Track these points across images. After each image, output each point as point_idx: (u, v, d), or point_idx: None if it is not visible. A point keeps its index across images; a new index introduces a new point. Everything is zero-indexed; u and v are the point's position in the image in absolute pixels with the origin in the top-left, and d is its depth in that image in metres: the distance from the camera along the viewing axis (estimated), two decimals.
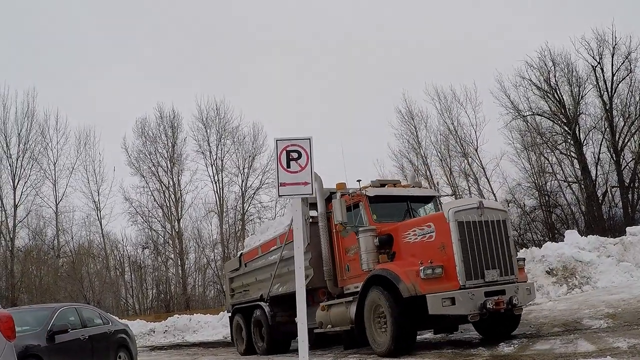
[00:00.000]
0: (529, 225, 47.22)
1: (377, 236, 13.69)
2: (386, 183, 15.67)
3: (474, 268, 12.13)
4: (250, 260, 19.77)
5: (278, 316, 17.18)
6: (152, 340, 32.08)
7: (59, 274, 48.66)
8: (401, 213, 14.81)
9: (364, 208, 14.44)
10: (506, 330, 13.49)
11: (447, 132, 50.24)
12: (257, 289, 18.68)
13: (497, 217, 12.75)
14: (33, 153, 49.33)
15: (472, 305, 11.78)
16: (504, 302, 11.94)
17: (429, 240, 12.71)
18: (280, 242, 17.16)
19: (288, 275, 16.09)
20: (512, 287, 12.35)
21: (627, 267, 22.41)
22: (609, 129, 43.26)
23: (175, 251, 52.32)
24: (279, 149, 9.13)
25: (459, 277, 12.01)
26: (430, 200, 15.78)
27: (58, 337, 12.02)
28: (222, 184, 52.62)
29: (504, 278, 12.41)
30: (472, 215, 12.43)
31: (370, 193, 14.57)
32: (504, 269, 12.45)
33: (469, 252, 12.14)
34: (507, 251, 12.63)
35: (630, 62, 42.45)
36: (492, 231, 12.54)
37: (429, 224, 12.91)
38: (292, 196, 9.32)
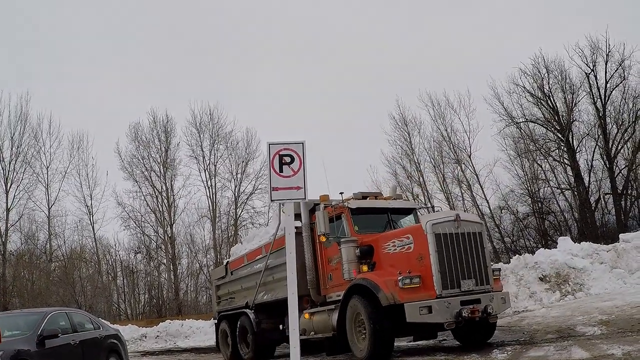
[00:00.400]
0: (522, 232, 47.28)
1: (358, 247, 14.16)
2: (368, 195, 16.13)
3: (450, 278, 12.67)
4: (236, 269, 20.13)
5: (263, 323, 17.55)
6: (143, 345, 31.96)
7: (50, 278, 48.46)
8: (382, 224, 15.15)
9: (346, 220, 14.81)
10: (482, 337, 13.96)
11: (440, 139, 50.24)
12: (243, 296, 19.00)
13: (474, 230, 13.34)
14: (26, 156, 49.11)
15: (449, 313, 12.33)
16: (479, 310, 12.51)
17: (408, 251, 13.19)
18: (265, 251, 17.49)
19: (273, 283, 16.84)
20: (487, 296, 12.92)
21: (620, 274, 22.42)
22: (602, 136, 43.34)
23: (167, 256, 52.16)
24: (271, 153, 9.06)
25: (435, 287, 12.53)
26: (411, 212, 16.23)
27: (48, 342, 11.89)
28: (215, 189, 52.49)
29: (480, 287, 12.97)
30: (449, 228, 12.95)
31: (352, 205, 14.97)
32: (479, 278, 13.00)
33: (446, 263, 12.68)
34: (482, 262, 13.18)
35: (624, 69, 42.64)
36: (469, 243, 13.08)
37: (407, 235, 13.40)
38: (285, 201, 9.25)
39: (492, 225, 47.51)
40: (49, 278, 48.18)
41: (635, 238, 24.69)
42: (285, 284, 13.34)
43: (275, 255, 16.60)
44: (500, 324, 17.80)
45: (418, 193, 50.66)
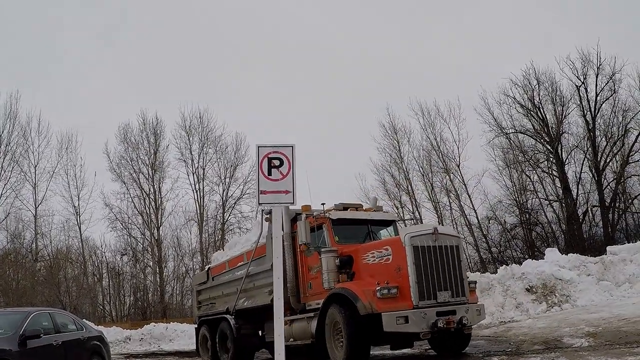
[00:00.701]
0: (509, 243, 47.35)
1: (338, 257, 14.37)
2: (349, 206, 16.31)
3: (427, 289, 12.99)
4: (217, 275, 20.35)
5: (243, 329, 17.78)
6: (127, 348, 31.69)
7: (36, 278, 48.11)
8: (362, 235, 15.53)
9: (327, 230, 15.07)
10: (458, 347, 14.33)
11: (429, 148, 50.40)
12: (224, 302, 19.17)
13: (451, 243, 13.66)
14: (14, 155, 48.76)
15: (424, 323, 12.61)
16: (454, 321, 12.86)
17: (386, 262, 13.49)
18: (247, 259, 17.78)
19: (254, 290, 17.14)
20: (463, 308, 13.24)
21: (607, 286, 22.42)
22: (591, 148, 43.54)
23: (154, 259, 51.93)
24: (260, 156, 8.90)
25: (412, 298, 12.82)
26: (390, 224, 16.49)
27: (30, 342, 11.70)
28: (203, 192, 52.32)
29: (455, 299, 13.29)
30: (426, 241, 13.30)
31: (333, 216, 15.28)
32: (455, 290, 13.32)
33: (423, 275, 13.00)
34: (459, 274, 13.51)
35: (615, 82, 42.90)
36: (446, 256, 13.41)
37: (386, 247, 13.71)
38: (273, 205, 9.08)
39: (479, 235, 47.65)
40: (34, 278, 47.81)
41: (622, 251, 24.77)
42: (265, 291, 15.91)
43: (257, 262, 16.99)
44: (486, 334, 17.92)
45: (406, 202, 50.82)
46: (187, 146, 52.39)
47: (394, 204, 50.89)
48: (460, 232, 48.36)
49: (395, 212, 16.20)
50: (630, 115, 42.77)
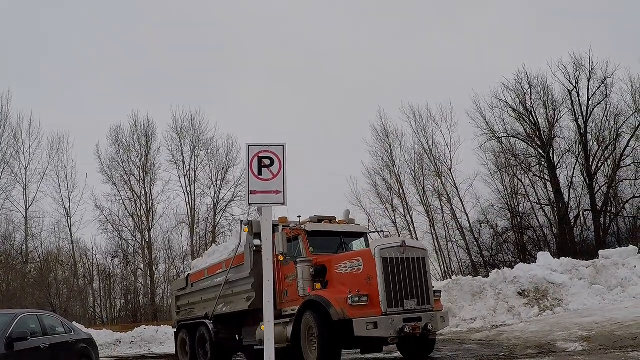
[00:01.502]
0: (501, 246, 47.29)
1: (312, 266, 15.19)
2: (323, 219, 17.06)
3: (394, 297, 13.77)
4: (196, 281, 20.87)
5: (221, 333, 18.38)
6: (118, 350, 31.56)
7: (26, 280, 47.86)
8: (335, 246, 16.33)
9: (303, 241, 15.86)
10: (424, 352, 15.02)
11: (421, 151, 50.50)
12: (203, 307, 19.76)
13: (418, 255, 14.48)
14: (5, 156, 48.71)
15: (392, 329, 13.35)
16: (420, 327, 13.56)
17: (358, 272, 14.28)
18: (225, 267, 18.44)
19: (232, 296, 17.89)
20: (428, 315, 14.01)
21: (599, 290, 22.39)
22: (583, 152, 43.53)
23: (144, 261, 51.87)
24: (250, 155, 8.78)
25: (381, 305, 13.61)
26: (361, 235, 17.40)
27: (17, 345, 11.47)
28: (195, 195, 52.33)
29: (421, 307, 14.09)
30: (395, 253, 14.08)
31: (308, 228, 16.06)
32: (421, 299, 14.13)
33: (391, 284, 13.77)
34: (425, 284, 14.31)
35: (606, 87, 42.92)
36: (413, 266, 14.18)
37: (358, 258, 14.52)
38: (263, 205, 8.94)
39: (471, 238, 47.58)
40: (25, 280, 47.56)
41: (614, 255, 24.75)
42: (244, 297, 16.89)
43: (235, 270, 17.67)
44: (478, 338, 17.89)
45: (398, 205, 50.80)
46: (178, 148, 52.45)
47: (385, 207, 51.01)
48: (452, 235, 48.66)
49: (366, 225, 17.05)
50: (622, 120, 42.87)
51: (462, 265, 48.11)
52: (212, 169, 52.46)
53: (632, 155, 42.66)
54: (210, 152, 52.55)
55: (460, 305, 23.24)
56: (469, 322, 22.11)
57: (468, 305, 23.10)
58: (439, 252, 49.08)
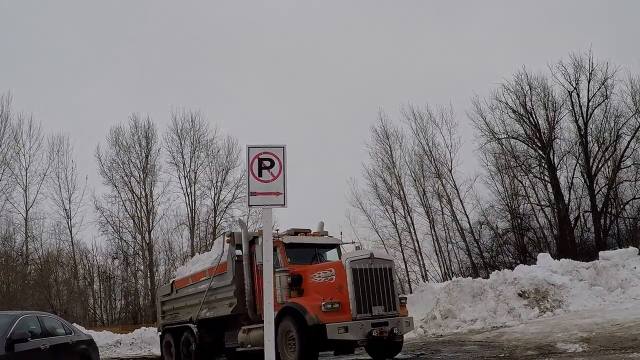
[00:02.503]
0: (501, 248, 47.29)
1: (289, 276, 16.34)
2: (299, 231, 18.36)
3: (363, 304, 15.06)
4: (181, 287, 21.96)
5: (205, 337, 19.62)
6: (118, 352, 31.57)
7: (26, 281, 47.81)
8: (310, 257, 17.52)
9: (280, 252, 16.94)
10: (390, 353, 16.25)
11: (421, 153, 50.47)
12: (187, 312, 20.94)
13: (385, 266, 15.78)
14: (5, 157, 48.59)
15: (361, 333, 14.64)
16: (386, 331, 14.95)
17: (330, 281, 15.53)
18: (209, 274, 19.64)
19: (215, 302, 19.16)
20: (394, 320, 15.30)
21: (599, 292, 22.38)
22: (583, 154, 43.55)
23: (145, 263, 51.74)
24: (251, 157, 8.76)
25: (351, 311, 14.91)
26: (335, 246, 18.56)
27: (17, 346, 11.44)
28: (195, 196, 52.12)
29: (388, 313, 15.38)
30: (364, 264, 15.38)
31: (285, 240, 17.33)
32: (388, 305, 15.44)
33: (360, 292, 15.06)
34: (391, 292, 15.64)
35: (607, 88, 42.92)
36: (380, 276, 15.50)
37: (330, 269, 15.74)
38: (263, 206, 8.93)
39: (471, 240, 47.55)
40: (25, 281, 47.51)
41: (614, 256, 24.70)
42: (226, 303, 18.26)
43: (218, 278, 18.95)
44: (478, 339, 17.89)
45: (398, 206, 50.75)
46: (178, 150, 52.25)
47: (385, 209, 50.96)
48: (452, 236, 48.63)
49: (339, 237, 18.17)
50: (622, 121, 42.92)
51: (463, 266, 48.12)
52: (212, 170, 52.37)
53: (632, 156, 42.79)
54: (211, 153, 52.45)
55: (460, 306, 23.22)
56: (469, 324, 22.09)
57: (468, 307, 23.08)
58: (439, 254, 49.14)
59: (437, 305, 24.01)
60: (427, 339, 21.14)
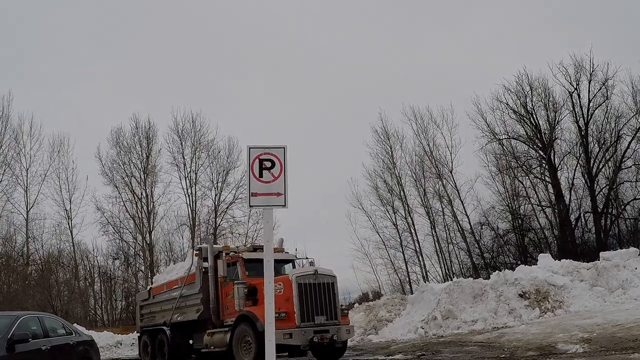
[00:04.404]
0: (502, 248, 47.25)
1: (246, 287, 18.51)
2: (258, 248, 20.43)
3: (307, 314, 17.21)
4: (157, 294, 24.18)
5: (176, 338, 21.83)
6: (119, 352, 31.61)
7: (27, 281, 47.75)
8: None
9: (240, 266, 19.39)
10: (334, 356, 18.48)
11: (422, 153, 50.36)
12: (162, 316, 23.02)
13: (328, 281, 18.01)
14: (6, 158, 48.28)
15: (304, 339, 16.71)
16: (327, 338, 17.05)
17: (280, 293, 17.23)
18: (180, 283, 21.80)
19: (185, 308, 21.30)
20: (335, 328, 17.41)
21: (600, 292, 22.39)
22: (584, 154, 43.49)
23: (145, 263, 51.62)
24: (251, 157, 8.68)
25: (296, 320, 17.01)
26: (290, 261, 20.88)
27: (18, 347, 11.43)
28: (195, 197, 51.91)
29: (329, 321, 17.54)
30: (308, 279, 17.59)
31: (244, 256, 19.69)
32: (329, 315, 17.61)
33: (304, 303, 17.20)
34: (333, 303, 17.85)
35: (607, 88, 42.83)
36: (323, 290, 17.71)
37: (280, 282, 17.49)
38: (264, 207, 8.84)
39: (472, 240, 47.51)
40: (26, 281, 47.44)
41: (615, 257, 24.70)
42: (194, 309, 20.51)
43: (188, 287, 21.14)
44: (479, 340, 17.91)
45: (399, 207, 50.71)
46: (179, 150, 52.02)
47: (386, 210, 50.92)
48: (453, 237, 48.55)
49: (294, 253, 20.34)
50: (623, 122, 42.91)
51: (463, 267, 48.09)
52: (213, 171, 52.13)
53: (633, 157, 42.70)
54: (211, 154, 52.19)
55: (461, 307, 23.24)
56: (469, 324, 22.10)
57: (469, 307, 23.09)
58: (439, 254, 49.05)
59: (437, 305, 24.02)
60: (427, 339, 21.14)
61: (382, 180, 51.57)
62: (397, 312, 27.20)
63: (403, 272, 50.52)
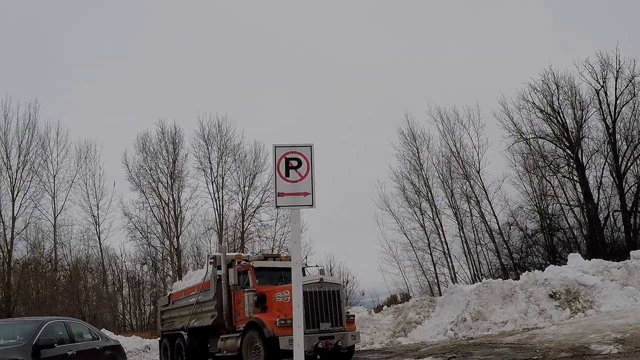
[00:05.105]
0: (530, 249, 46.90)
1: (256, 295, 19.07)
2: (269, 256, 22.09)
3: (312, 321, 17.75)
4: (176, 300, 25.29)
5: (193, 343, 22.60)
6: (147, 357, 31.68)
7: (55, 287, 48.03)
8: (276, 279, 20.26)
9: (250, 275, 20.11)
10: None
11: (449, 154, 50.16)
12: (180, 321, 24.04)
13: (333, 289, 18.63)
14: (33, 165, 48.50)
15: (309, 344, 17.10)
16: (332, 344, 17.69)
17: (287, 301, 17.82)
18: (197, 290, 22.65)
19: (201, 314, 22.07)
20: (340, 335, 18.05)
21: (631, 292, 22.10)
22: (612, 152, 43.02)
23: (173, 268, 51.73)
24: (277, 157, 8.59)
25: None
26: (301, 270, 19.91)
27: (44, 352, 11.39)
28: (222, 201, 51.98)
29: (334, 328, 18.16)
30: (314, 287, 18.16)
31: (255, 265, 20.41)
32: (334, 322, 18.24)
33: (310, 311, 17.65)
34: (338, 310, 18.44)
35: (634, 85, 42.26)
36: (329, 297, 18.29)
37: (286, 290, 18.17)
38: (291, 207, 8.67)
39: (500, 241, 47.20)
40: (54, 287, 47.74)
41: None
42: (209, 315, 21.23)
43: (204, 294, 21.94)
44: (510, 341, 17.70)
45: (426, 208, 50.53)
46: (205, 155, 52.12)
47: (413, 211, 50.74)
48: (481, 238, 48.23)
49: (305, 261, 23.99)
50: None
51: (492, 268, 47.80)
52: (240, 175, 52.23)
53: None
54: (238, 158, 52.31)
55: (490, 308, 23.02)
56: (499, 326, 21.89)
57: (499, 309, 22.86)
58: (468, 256, 48.81)
59: (467, 307, 23.81)
60: (457, 341, 20.91)
61: (409, 181, 51.51)
62: (426, 314, 26.98)
63: (431, 274, 50.35)
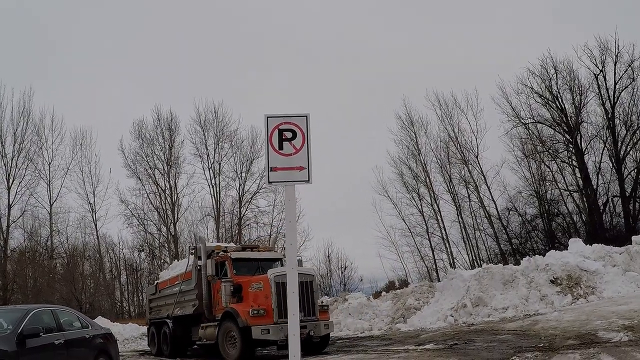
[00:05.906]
0: (530, 234, 46.70)
1: (232, 285, 19.86)
2: (247, 247, 22.85)
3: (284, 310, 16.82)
4: (162, 289, 26.03)
5: (177, 331, 23.32)
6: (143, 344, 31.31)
7: (52, 275, 47.78)
8: (253, 269, 20.88)
9: (228, 265, 20.76)
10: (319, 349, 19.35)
11: (447, 139, 49.80)
12: (166, 310, 24.70)
13: (306, 279, 19.08)
14: (28, 153, 48.01)
15: (281, 334, 17.36)
16: (304, 333, 17.60)
17: (260, 291, 18.88)
18: (180, 279, 23.49)
19: (184, 302, 22.73)
20: (312, 324, 18.59)
21: (633, 277, 21.84)
22: (611, 137, 42.77)
23: (170, 255, 51.41)
24: (270, 128, 8.02)
25: (274, 316, 18.23)
26: (278, 260, 21.95)
27: (29, 341, 11.01)
28: (219, 187, 51.60)
29: (307, 318, 18.52)
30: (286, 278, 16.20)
31: (233, 255, 20.98)
32: (307, 311, 18.72)
33: (282, 301, 17.69)
34: (311, 300, 19.10)
35: (633, 70, 41.94)
36: (302, 288, 18.38)
37: (260, 281, 19.09)
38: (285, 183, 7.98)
39: (499, 226, 46.99)
40: (51, 275, 47.50)
41: None
42: (190, 304, 21.94)
43: (186, 283, 22.65)
44: (512, 328, 17.49)
45: (424, 194, 50.29)
46: (202, 141, 51.69)
47: (412, 196, 50.46)
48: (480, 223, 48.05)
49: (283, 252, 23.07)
50: None
51: (491, 253, 47.61)
52: (237, 161, 51.78)
53: None
54: (235, 144, 51.85)
55: (491, 294, 22.78)
56: (500, 312, 21.66)
57: (499, 294, 22.62)
58: (466, 241, 48.60)
59: (467, 293, 23.59)
60: (458, 328, 20.66)
61: (407, 167, 51.21)
62: (425, 300, 26.69)
63: (430, 260, 50.12)
